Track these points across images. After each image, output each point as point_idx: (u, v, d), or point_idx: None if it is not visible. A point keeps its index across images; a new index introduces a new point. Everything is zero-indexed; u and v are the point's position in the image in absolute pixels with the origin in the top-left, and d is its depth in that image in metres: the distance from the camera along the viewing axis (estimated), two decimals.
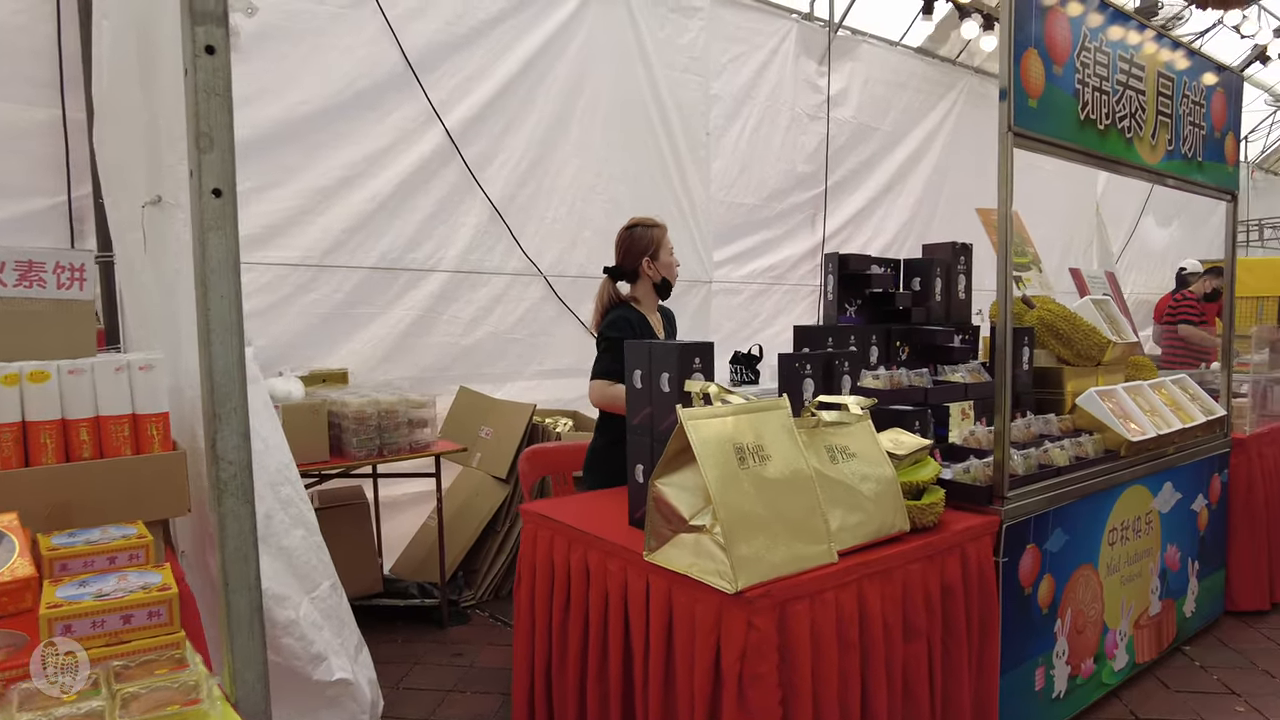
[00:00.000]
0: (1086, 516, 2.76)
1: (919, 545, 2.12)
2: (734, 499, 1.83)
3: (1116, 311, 3.57)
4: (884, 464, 2.15)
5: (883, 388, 2.73)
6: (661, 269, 2.90)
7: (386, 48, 4.19)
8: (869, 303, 3.14)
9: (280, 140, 3.90)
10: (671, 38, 5.23)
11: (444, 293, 4.42)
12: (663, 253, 2.91)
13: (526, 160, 4.69)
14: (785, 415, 2.02)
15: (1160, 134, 3.01)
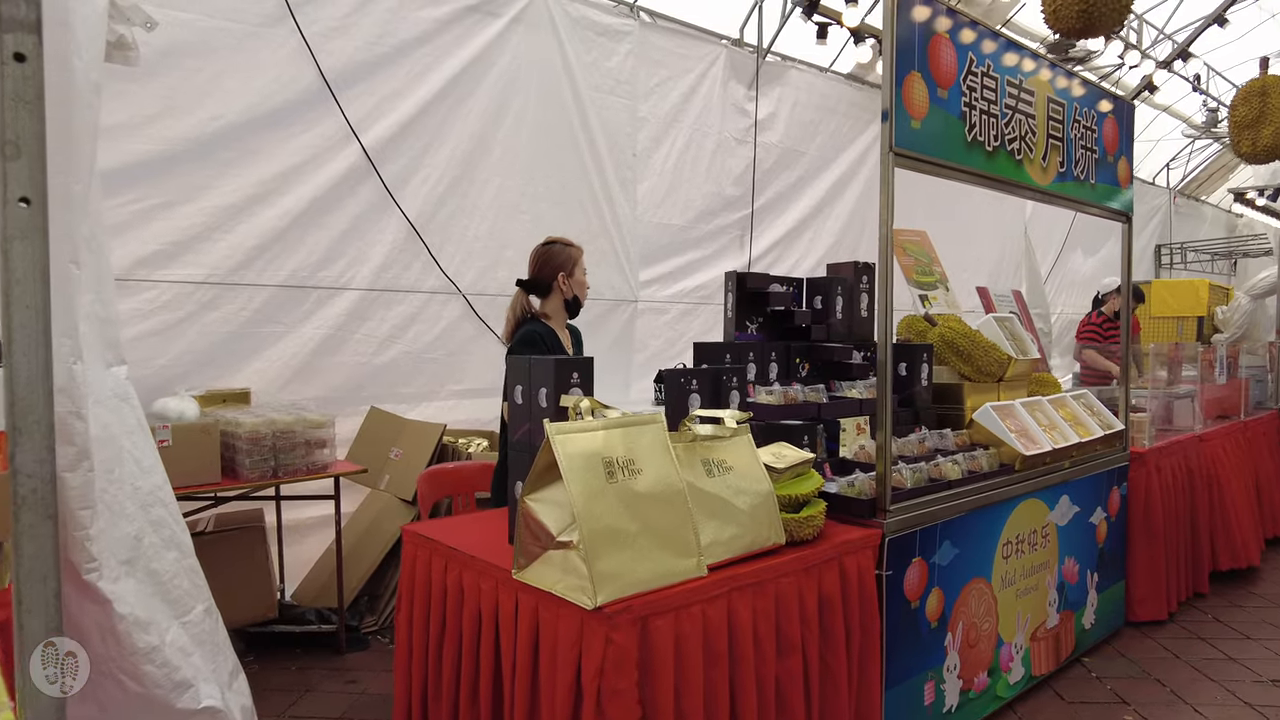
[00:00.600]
0: (978, 530, 2.79)
1: (794, 558, 2.11)
2: (599, 514, 1.81)
3: (1020, 329, 3.64)
4: (761, 478, 2.15)
5: (776, 403, 2.74)
6: (575, 286, 2.92)
7: (304, 66, 4.15)
8: (770, 320, 3.17)
9: (190, 157, 3.83)
10: (599, 60, 5.26)
11: (357, 311, 4.36)
12: (578, 271, 2.94)
13: (447, 179, 4.66)
14: (660, 430, 2.01)
15: (1051, 156, 3.09)
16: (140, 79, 3.63)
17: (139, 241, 3.70)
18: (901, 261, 3.75)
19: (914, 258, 3.80)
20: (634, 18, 5.41)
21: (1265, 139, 4.34)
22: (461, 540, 2.26)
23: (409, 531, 2.42)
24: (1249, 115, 4.38)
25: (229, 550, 3.52)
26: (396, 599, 2.47)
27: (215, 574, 3.47)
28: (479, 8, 4.72)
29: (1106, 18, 3.25)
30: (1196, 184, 11.93)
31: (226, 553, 3.51)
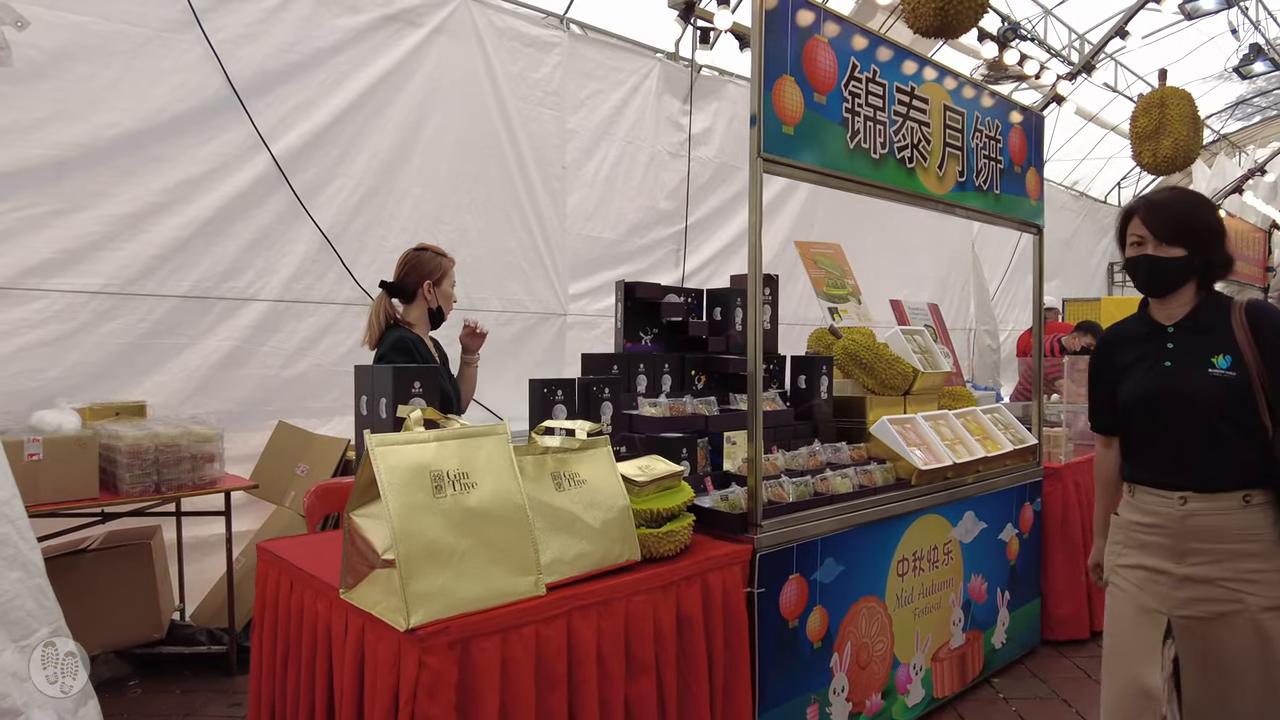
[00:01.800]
0: (868, 546, 2.72)
1: (650, 575, 2.03)
2: (421, 530, 1.72)
3: (930, 342, 3.60)
4: (617, 492, 2.07)
5: (661, 415, 2.66)
6: (441, 297, 2.84)
7: (210, 73, 4.05)
8: (666, 331, 3.10)
9: (83, 163, 3.71)
10: (525, 72, 5.21)
11: (265, 323, 4.24)
12: (446, 282, 2.86)
13: (363, 189, 4.57)
14: (501, 442, 1.93)
15: (949, 165, 3.06)
16: (28, 81, 3.53)
17: (28, 249, 3.57)
18: (812, 274, 3.71)
19: (825, 270, 3.75)
20: (563, 29, 5.37)
21: (1165, 150, 4.36)
22: (308, 558, 2.16)
23: (262, 549, 2.32)
24: (1149, 126, 4.40)
25: (114, 569, 3.38)
26: (252, 620, 2.36)
27: (98, 593, 3.34)
28: (398, 17, 4.65)
29: (963, 16, 3.24)
30: None
31: (111, 571, 3.37)
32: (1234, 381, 1.85)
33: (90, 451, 3.09)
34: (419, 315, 2.84)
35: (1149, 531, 1.96)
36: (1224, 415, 1.86)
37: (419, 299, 2.82)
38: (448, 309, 2.90)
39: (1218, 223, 1.96)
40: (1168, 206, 1.94)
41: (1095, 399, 2.16)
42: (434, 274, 2.83)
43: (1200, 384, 1.89)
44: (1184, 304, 1.96)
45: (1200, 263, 1.92)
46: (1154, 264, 1.92)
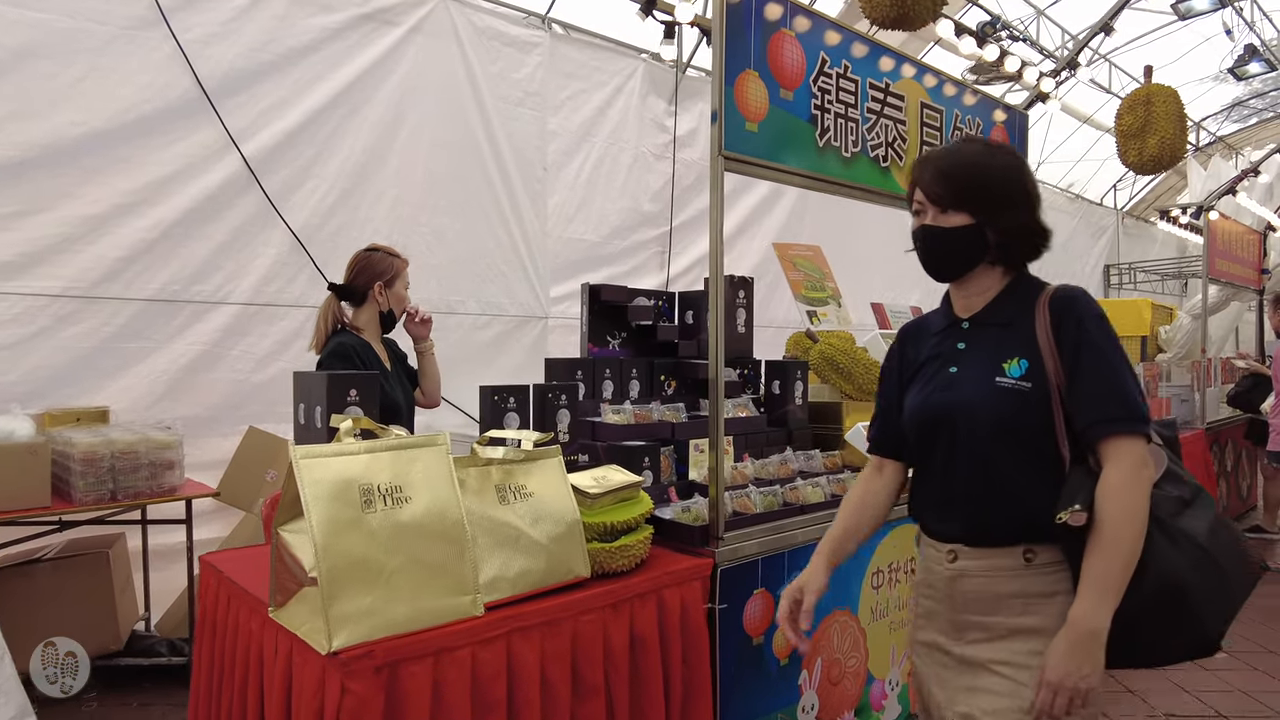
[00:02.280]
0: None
1: (601, 592, 1.94)
2: (347, 548, 1.62)
3: None
4: (567, 505, 1.98)
5: (625, 422, 2.57)
6: (393, 300, 2.75)
7: (179, 73, 3.97)
8: (635, 335, 3.01)
9: (44, 163, 3.64)
10: (505, 71, 5.13)
11: (235, 326, 4.16)
12: (398, 284, 2.77)
13: (337, 190, 4.49)
14: (440, 453, 1.83)
15: None
16: None
17: None
18: (790, 276, 3.61)
19: (804, 273, 3.66)
20: (545, 29, 5.29)
21: (1151, 148, 4.26)
22: (249, 572, 2.07)
23: (204, 561, 2.23)
24: (1134, 125, 4.30)
25: (71, 579, 3.29)
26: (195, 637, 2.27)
27: (53, 604, 3.26)
28: (374, 16, 4.57)
29: (921, 7, 3.15)
30: (1145, 205, 11.98)
31: (67, 582, 3.29)
32: (1027, 396, 1.42)
33: (42, 459, 3.00)
34: (369, 319, 2.74)
35: (928, 595, 1.58)
36: (1008, 442, 1.43)
37: (370, 301, 2.73)
38: (399, 312, 2.81)
39: (1020, 181, 1.50)
40: (946, 162, 1.50)
41: (876, 408, 1.75)
42: (385, 275, 2.74)
43: (981, 398, 1.45)
44: (984, 291, 1.53)
45: (995, 234, 1.47)
46: (929, 236, 1.51)
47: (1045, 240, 1.53)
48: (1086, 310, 1.44)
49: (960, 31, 4.31)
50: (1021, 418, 1.42)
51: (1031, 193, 1.51)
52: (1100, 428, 1.38)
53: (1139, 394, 1.41)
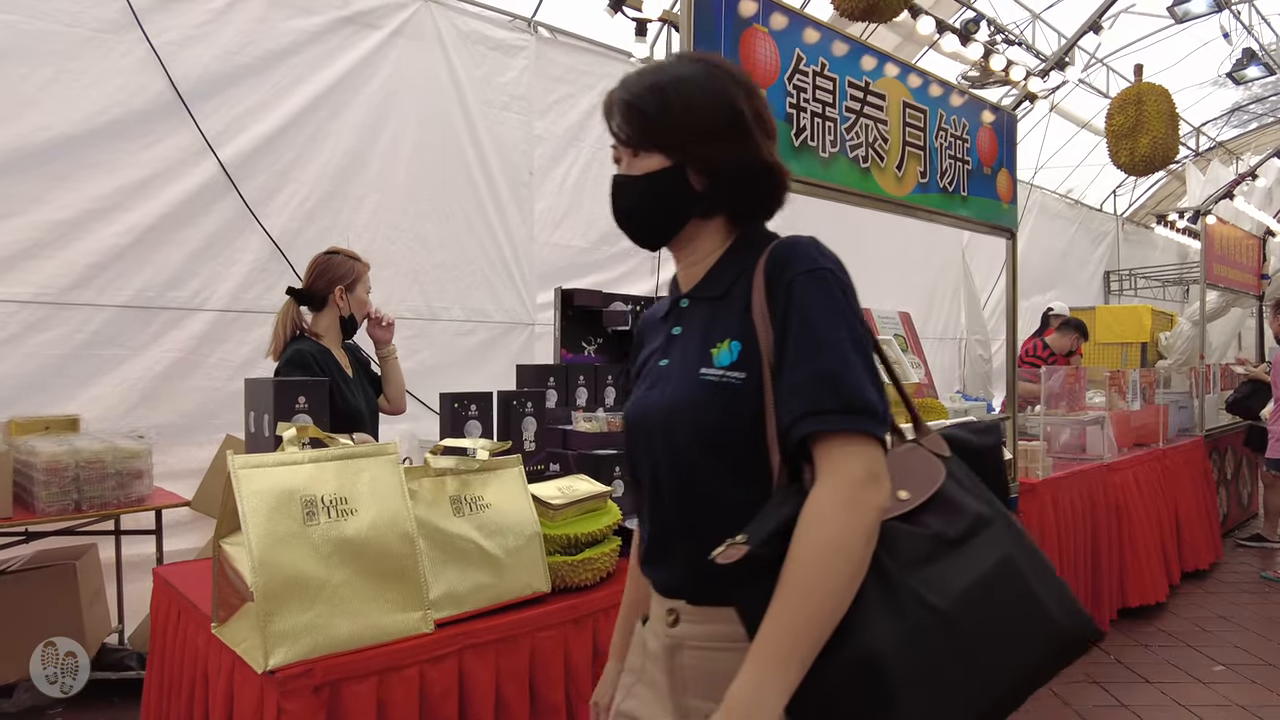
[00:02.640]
0: None
1: (560, 608, 1.85)
2: (286, 562, 1.54)
3: (898, 352, 3.43)
4: (526, 517, 1.89)
5: (598, 431, 2.49)
6: (354, 304, 2.66)
7: (152, 75, 3.91)
8: (612, 341, 2.93)
9: (13, 168, 3.56)
10: (490, 75, 5.07)
11: (212, 333, 4.08)
12: (359, 288, 2.68)
13: (316, 195, 4.42)
14: (389, 463, 1.75)
15: (910, 165, 2.89)
16: None
17: None
18: None
19: None
20: (531, 32, 5.23)
21: (1143, 148, 4.17)
22: (200, 586, 1.98)
23: (157, 574, 2.15)
24: (1125, 124, 4.21)
25: (36, 591, 3.21)
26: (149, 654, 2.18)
27: (18, 618, 3.17)
28: (355, 19, 4.51)
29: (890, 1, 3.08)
30: (1145, 211, 11.91)
31: (32, 594, 3.20)
32: (739, 390, 1.03)
33: (3, 469, 2.92)
34: (329, 324, 2.66)
35: (650, 662, 1.16)
36: (714, 454, 1.04)
37: (330, 306, 2.64)
38: (361, 316, 2.72)
39: (727, 104, 1.09)
40: (634, 88, 1.12)
41: None
42: (346, 278, 2.65)
43: (683, 397, 1.08)
44: (705, 256, 1.16)
45: (700, 177, 1.10)
46: (618, 188, 1.19)
47: (776, 181, 1.15)
48: (801, 265, 1.05)
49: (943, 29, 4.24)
50: (730, 421, 1.03)
51: (747, 116, 1.10)
52: (803, 424, 0.97)
53: (868, 380, 1.00)
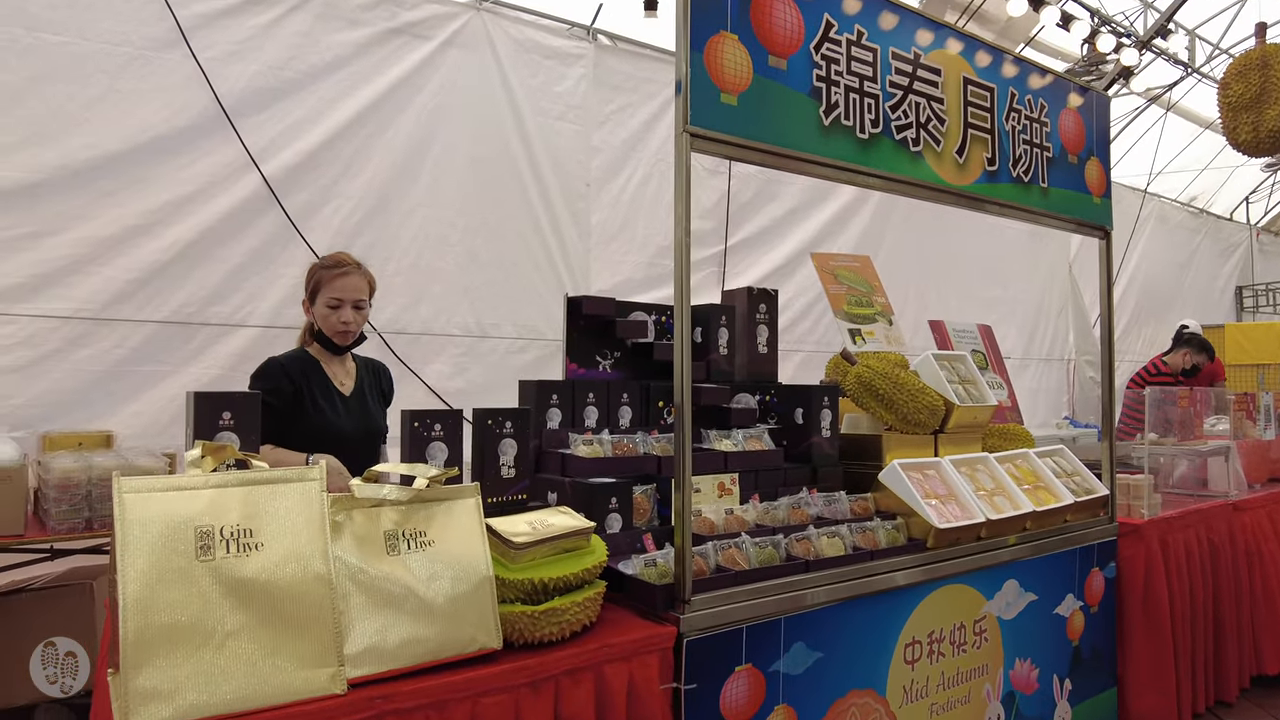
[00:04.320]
0: (861, 626, 2.15)
1: (512, 668, 1.56)
2: (166, 603, 1.31)
3: (973, 370, 2.99)
4: (475, 556, 1.61)
5: (600, 455, 2.19)
6: (317, 316, 2.44)
7: (197, 91, 3.90)
8: (630, 356, 2.63)
9: (57, 186, 3.59)
10: (546, 85, 4.89)
11: (253, 350, 4.00)
12: (321, 300, 2.43)
13: (363, 210, 4.32)
14: (311, 490, 1.51)
15: (974, 150, 2.49)
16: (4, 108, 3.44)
17: None
18: (830, 290, 3.17)
19: (847, 285, 3.20)
20: (589, 40, 5.04)
21: (1270, 121, 3.49)
22: None
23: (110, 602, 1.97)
24: (1246, 94, 3.55)
25: (54, 610, 3.14)
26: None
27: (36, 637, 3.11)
28: (404, 30, 4.42)
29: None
30: None
31: (51, 613, 3.13)
32: None
33: (17, 485, 2.86)
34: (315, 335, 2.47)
35: None
36: None
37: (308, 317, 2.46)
38: (329, 331, 2.43)
39: None
40: None
41: None
42: (308, 288, 2.45)
43: None
44: None
45: None
46: None
47: None
48: None
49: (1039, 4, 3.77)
50: None
51: None
52: None
53: None
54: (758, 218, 5.68)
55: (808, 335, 5.91)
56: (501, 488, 1.95)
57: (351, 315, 2.42)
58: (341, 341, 2.46)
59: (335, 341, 2.45)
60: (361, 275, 2.49)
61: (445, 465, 1.89)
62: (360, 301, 2.46)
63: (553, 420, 2.34)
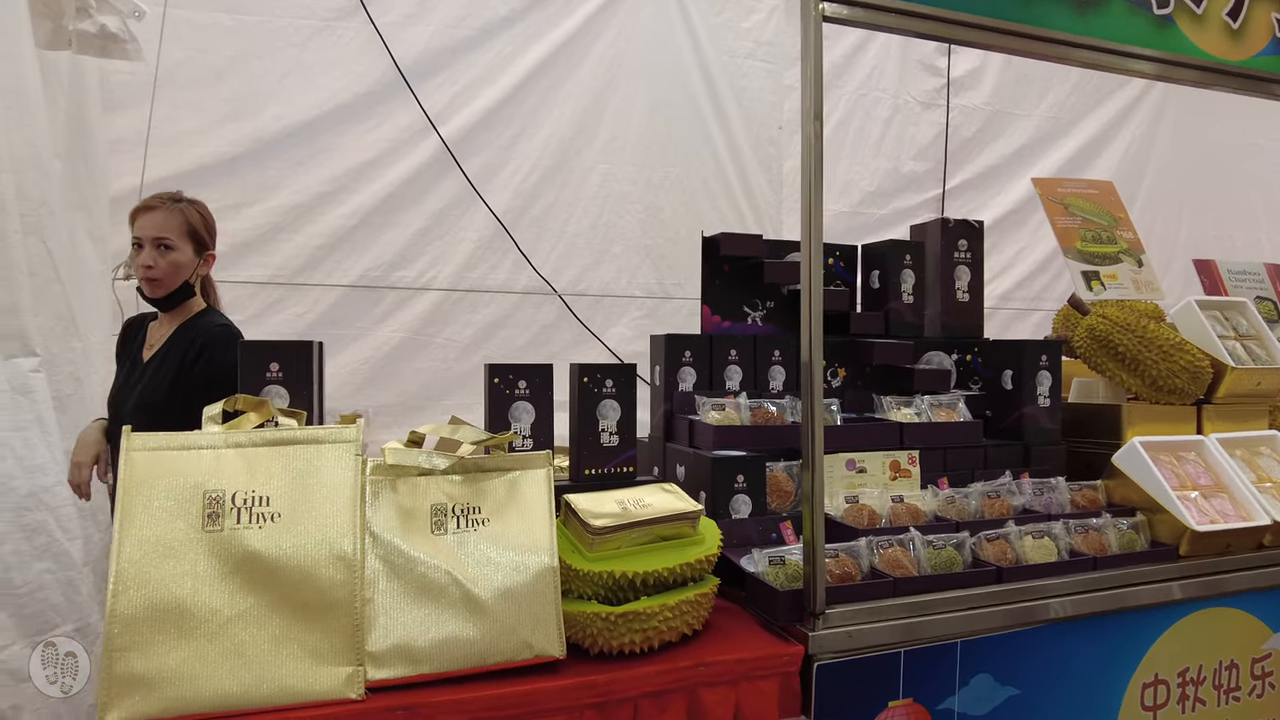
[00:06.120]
0: (1073, 656, 1.62)
1: (576, 684, 1.25)
2: (159, 578, 1.14)
3: (1259, 322, 2.25)
4: (538, 540, 1.31)
5: (732, 423, 1.82)
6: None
7: (376, 57, 3.92)
8: (786, 306, 2.20)
9: (253, 157, 3.75)
10: (732, 22, 4.47)
11: (437, 314, 4.00)
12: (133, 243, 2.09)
13: (540, 169, 4.17)
14: (344, 453, 1.28)
15: (1255, 12, 1.79)
16: (208, 85, 3.63)
17: None
18: (1058, 223, 2.53)
19: (1082, 217, 2.54)
20: None
21: None
22: None
23: None
24: None
25: None
26: None
27: None
28: None
29: None
30: None
31: None
32: None
33: None
34: None
35: None
36: None
37: None
38: (139, 279, 2.08)
39: None
40: None
41: None
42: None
43: None
44: None
45: None
46: None
47: None
48: None
49: None
50: None
51: None
52: None
53: None
54: (983, 156, 4.90)
55: (1045, 293, 5.05)
56: (601, 458, 1.64)
57: (154, 257, 2.02)
58: (150, 291, 2.06)
59: (144, 291, 2.07)
60: (171, 211, 2.10)
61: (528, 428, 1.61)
62: (166, 240, 2.05)
63: (686, 381, 1.99)
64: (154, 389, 2.01)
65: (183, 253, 2.09)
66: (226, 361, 1.87)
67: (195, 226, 2.15)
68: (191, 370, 2.02)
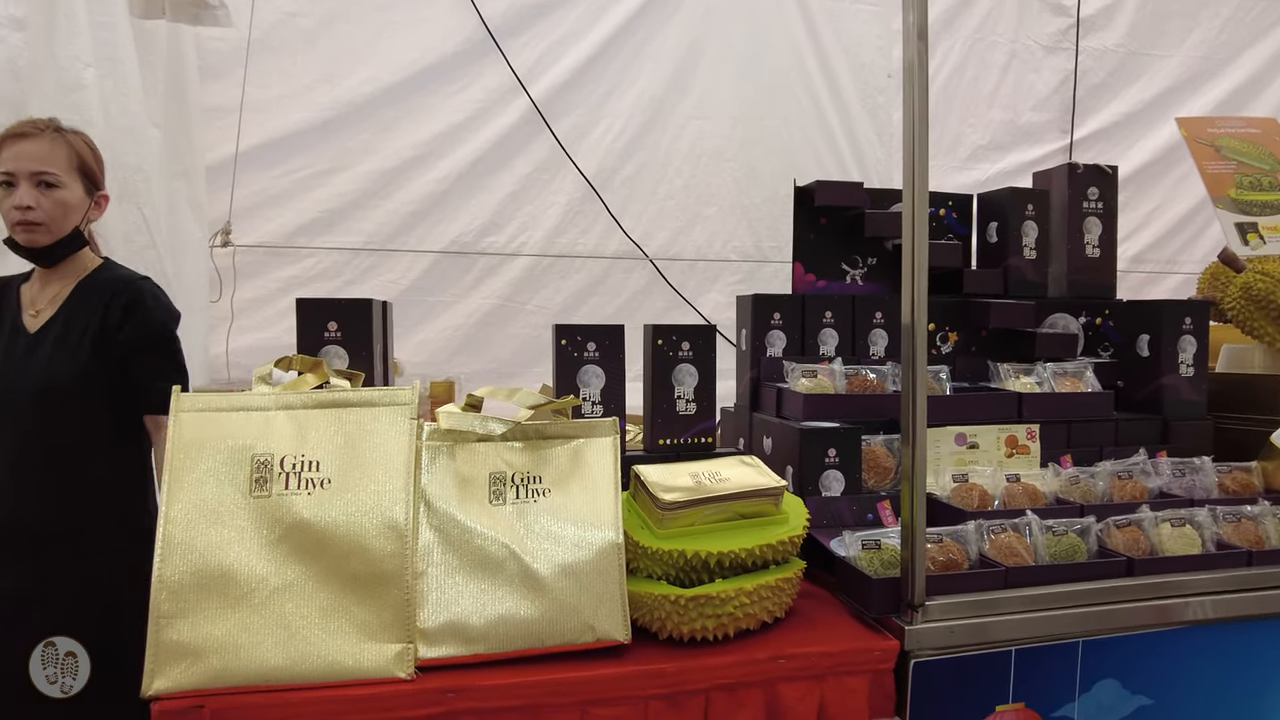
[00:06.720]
0: (1218, 662, 1.40)
1: (642, 672, 1.14)
2: (206, 545, 1.10)
3: None
4: (603, 515, 1.21)
5: (823, 392, 1.66)
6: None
7: (464, 17, 3.85)
8: (889, 263, 2.01)
9: (345, 121, 3.76)
10: None
11: (529, 279, 3.96)
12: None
13: (632, 128, 4.04)
14: (397, 417, 1.21)
15: None
16: (298, 49, 3.65)
17: (298, 210, 3.70)
18: (1208, 169, 2.23)
19: (1237, 161, 2.23)
20: None
21: None
22: None
23: None
24: None
25: None
26: None
27: None
28: None
29: None
30: None
31: None
32: None
33: None
34: None
35: None
36: None
37: None
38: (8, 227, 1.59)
39: None
40: None
41: None
42: None
43: None
44: None
45: None
46: None
47: None
48: None
49: None
50: None
51: None
52: None
53: None
54: (1116, 102, 4.47)
55: (1182, 255, 4.59)
56: (677, 427, 1.52)
57: (33, 196, 1.54)
58: (26, 239, 1.57)
59: (16, 240, 1.58)
60: (55, 140, 1.60)
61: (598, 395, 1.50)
62: (48, 176, 1.56)
63: (775, 345, 1.84)
64: (63, 364, 1.55)
65: (71, 191, 1.59)
66: (158, 321, 1.62)
67: (85, 160, 1.64)
68: (115, 336, 1.58)
